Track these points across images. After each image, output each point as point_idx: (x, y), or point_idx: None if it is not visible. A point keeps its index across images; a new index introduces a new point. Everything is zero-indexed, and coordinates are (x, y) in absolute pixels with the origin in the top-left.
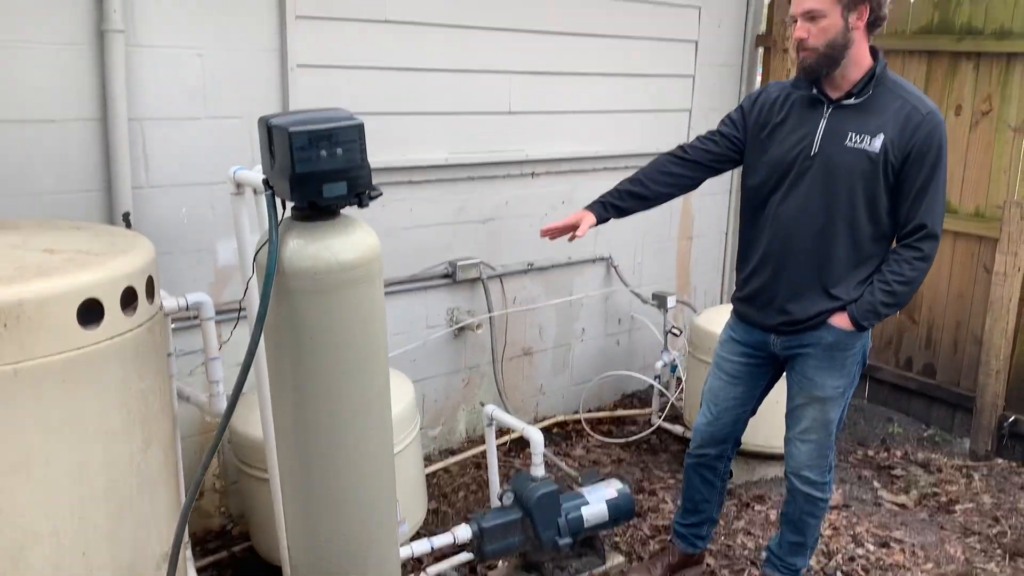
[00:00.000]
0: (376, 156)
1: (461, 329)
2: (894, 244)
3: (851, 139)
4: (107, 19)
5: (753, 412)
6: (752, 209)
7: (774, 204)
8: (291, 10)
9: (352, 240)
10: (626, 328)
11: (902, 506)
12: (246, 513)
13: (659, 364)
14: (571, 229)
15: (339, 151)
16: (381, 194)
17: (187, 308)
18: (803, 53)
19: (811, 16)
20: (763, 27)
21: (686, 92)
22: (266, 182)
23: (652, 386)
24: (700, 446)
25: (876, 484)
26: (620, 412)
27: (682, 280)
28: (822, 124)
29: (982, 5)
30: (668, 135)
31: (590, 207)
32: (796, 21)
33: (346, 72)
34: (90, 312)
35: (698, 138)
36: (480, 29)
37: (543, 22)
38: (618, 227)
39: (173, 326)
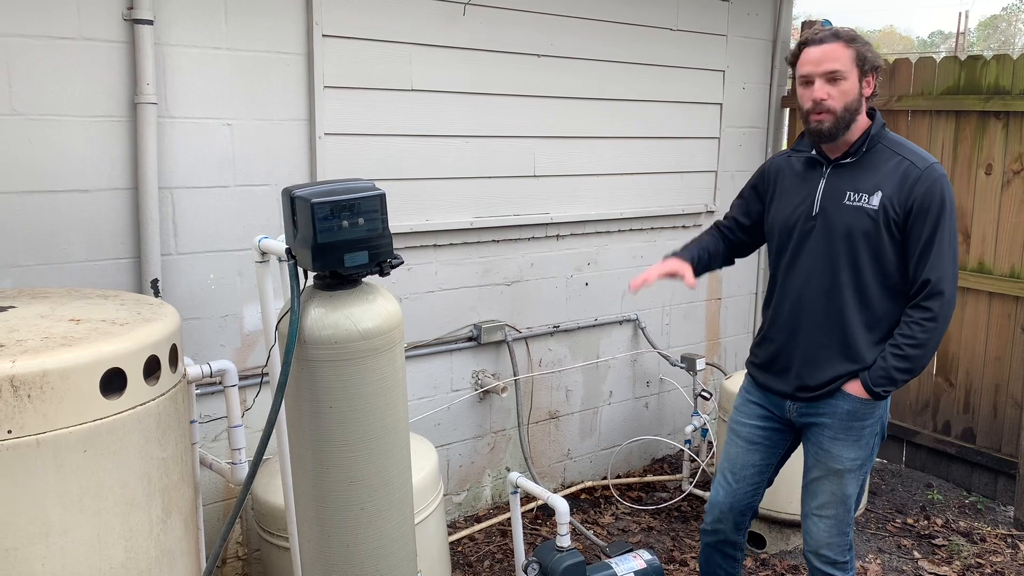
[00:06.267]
0: (402, 220)
1: (486, 392)
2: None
3: (849, 197)
4: (140, 92)
5: (769, 483)
6: (771, 277)
7: (783, 269)
8: (319, 81)
9: (373, 308)
10: (655, 391)
11: None
12: None
13: (689, 428)
14: (665, 276)
15: (361, 221)
16: (403, 262)
17: (211, 375)
18: (820, 115)
19: (833, 77)
20: (788, 88)
21: (711, 154)
22: (288, 251)
23: (683, 451)
24: (717, 520)
25: (916, 554)
26: (650, 478)
27: (711, 342)
28: (821, 184)
29: (1008, 66)
30: (694, 196)
31: (679, 255)
32: (809, 82)
33: (373, 139)
34: (113, 382)
35: (720, 226)
36: (504, 96)
37: (566, 88)
38: (645, 288)
39: (199, 391)
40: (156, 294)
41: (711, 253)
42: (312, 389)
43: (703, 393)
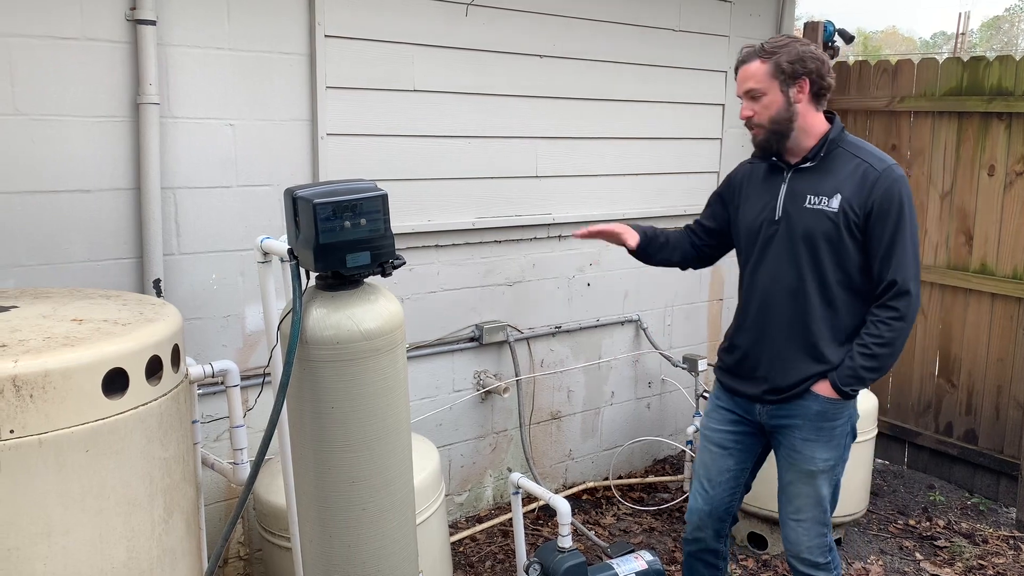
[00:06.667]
0: (404, 221)
1: (488, 393)
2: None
3: (810, 200)
4: (143, 92)
5: (747, 488)
6: (739, 281)
7: (748, 273)
8: (321, 81)
9: (375, 309)
10: (657, 391)
11: None
12: None
13: (691, 429)
14: (612, 236)
15: (363, 221)
16: (404, 263)
17: (213, 375)
18: (752, 131)
19: (752, 96)
20: None
21: (713, 155)
22: (291, 252)
23: (684, 451)
24: (697, 528)
25: (918, 555)
26: (652, 478)
27: (713, 342)
28: (783, 188)
29: (1011, 67)
30: (695, 197)
31: (632, 226)
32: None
33: (375, 140)
34: (115, 382)
35: (688, 229)
36: (506, 96)
37: (568, 88)
38: (648, 288)
39: (201, 391)
40: (158, 294)
41: (668, 237)
42: (314, 389)
43: (705, 394)
